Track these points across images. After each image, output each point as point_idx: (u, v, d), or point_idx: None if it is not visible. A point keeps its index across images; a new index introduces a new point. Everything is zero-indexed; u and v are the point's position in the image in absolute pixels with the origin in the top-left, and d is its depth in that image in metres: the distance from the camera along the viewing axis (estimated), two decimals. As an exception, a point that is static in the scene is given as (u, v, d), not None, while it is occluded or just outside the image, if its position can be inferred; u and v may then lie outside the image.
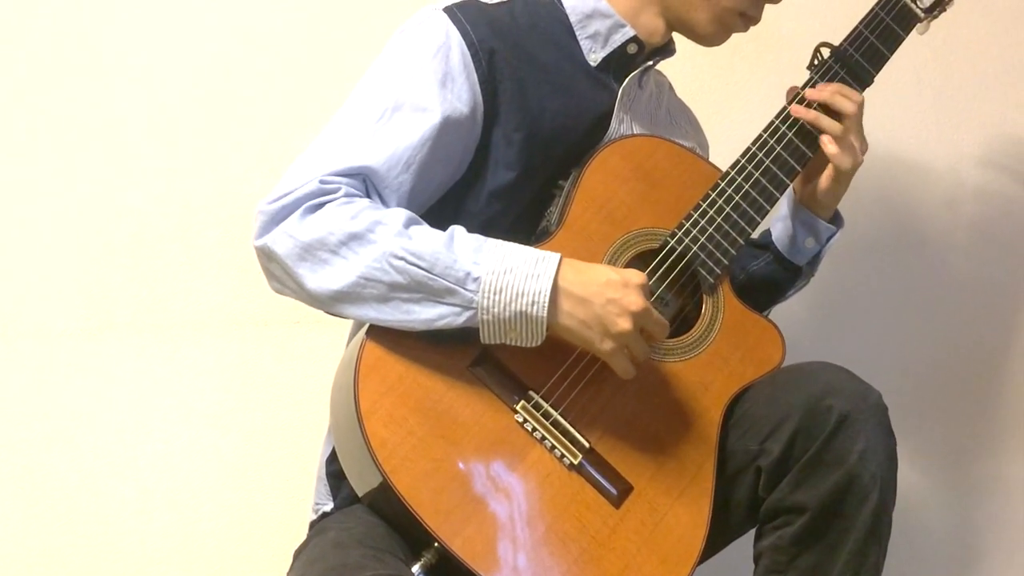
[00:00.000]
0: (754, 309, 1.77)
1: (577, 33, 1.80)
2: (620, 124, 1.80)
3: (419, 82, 1.68)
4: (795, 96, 1.79)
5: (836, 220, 1.88)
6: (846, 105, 1.76)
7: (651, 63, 1.84)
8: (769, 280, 1.90)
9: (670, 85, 2.01)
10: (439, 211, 1.71)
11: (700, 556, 1.64)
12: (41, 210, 2.28)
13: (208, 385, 2.30)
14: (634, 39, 1.80)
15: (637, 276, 1.61)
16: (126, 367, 2.29)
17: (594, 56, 1.80)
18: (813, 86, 1.80)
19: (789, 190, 1.84)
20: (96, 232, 2.29)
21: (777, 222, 1.90)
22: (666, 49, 1.87)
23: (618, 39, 1.80)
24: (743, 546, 1.75)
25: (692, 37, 1.84)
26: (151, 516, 2.27)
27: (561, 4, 1.81)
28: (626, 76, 1.81)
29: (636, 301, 1.58)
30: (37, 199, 2.29)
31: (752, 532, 1.72)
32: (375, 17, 2.32)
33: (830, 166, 1.79)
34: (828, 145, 1.76)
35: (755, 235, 1.82)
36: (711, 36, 1.82)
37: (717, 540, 1.70)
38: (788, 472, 1.63)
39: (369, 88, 1.71)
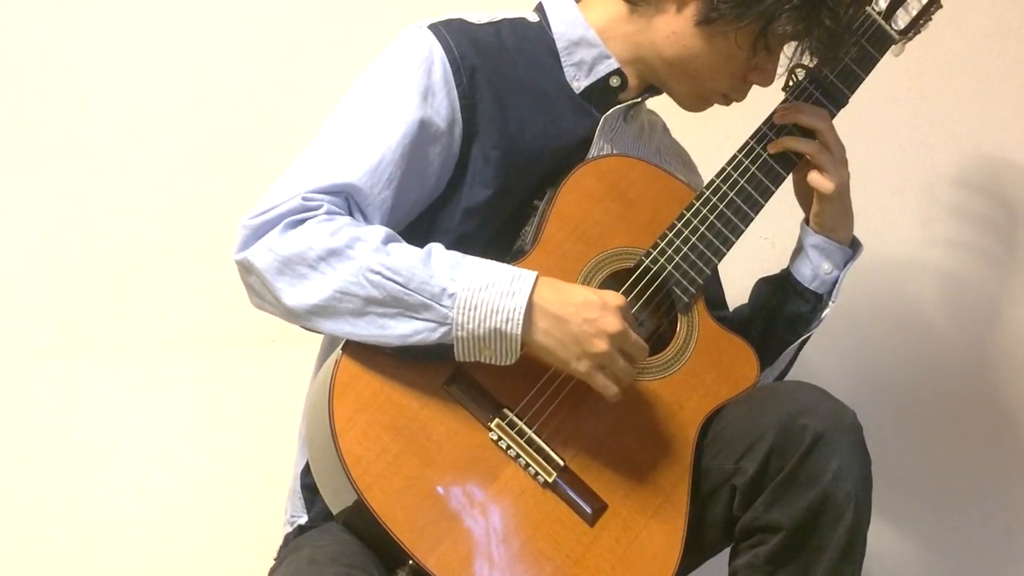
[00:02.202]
0: (729, 328, 1.78)
1: (563, 59, 1.80)
2: (600, 152, 1.80)
3: (400, 95, 1.69)
4: (768, 120, 1.81)
5: (854, 243, 1.87)
6: (799, 142, 1.78)
7: (639, 99, 1.84)
8: (792, 314, 1.87)
9: (664, 125, 2.00)
10: (414, 228, 1.71)
11: (675, 575, 1.63)
12: (16, 228, 2.28)
13: (183, 404, 2.30)
14: (617, 72, 1.80)
15: (616, 298, 1.61)
16: (102, 386, 2.28)
17: (577, 84, 1.80)
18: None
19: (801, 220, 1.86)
20: (72, 251, 2.28)
21: (793, 253, 1.89)
22: (654, 87, 1.86)
23: (602, 70, 1.80)
24: (718, 565, 1.75)
25: (672, 99, 1.85)
26: (126, 534, 2.27)
27: (549, 29, 1.81)
28: (608, 107, 1.80)
29: (613, 323, 1.58)
30: (12, 218, 2.28)
31: (727, 551, 1.72)
32: (356, 37, 2.32)
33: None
34: (813, 175, 1.78)
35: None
36: (690, 107, 1.84)
37: (692, 559, 1.70)
38: (763, 491, 1.63)
39: (353, 103, 1.71)
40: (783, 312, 1.87)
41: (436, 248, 1.60)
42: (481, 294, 1.56)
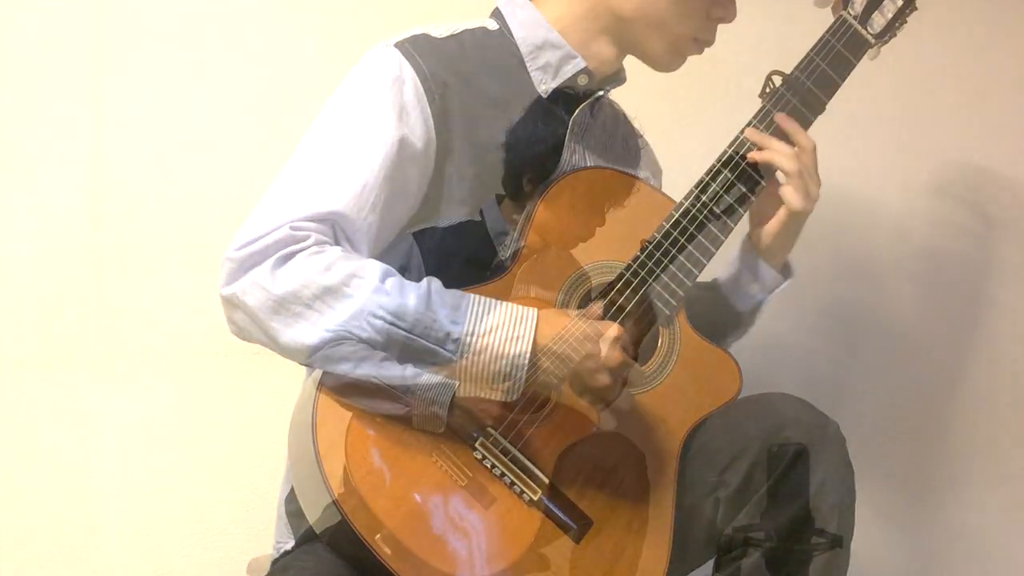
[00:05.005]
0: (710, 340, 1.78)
1: (528, 64, 1.79)
2: (572, 155, 1.80)
3: (377, 116, 1.67)
4: (749, 127, 1.81)
5: (786, 271, 1.87)
6: (787, 154, 1.77)
7: (601, 92, 1.84)
8: (713, 322, 1.86)
9: (625, 115, 2.00)
10: (396, 249, 1.70)
11: (661, 588, 1.64)
12: (-2, 240, 2.28)
13: (167, 414, 2.29)
14: (585, 70, 1.80)
15: (613, 329, 1.61)
16: (85, 397, 2.28)
17: (544, 87, 1.79)
18: (765, 114, 1.81)
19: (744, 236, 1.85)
20: (54, 263, 2.27)
21: (727, 265, 1.89)
22: (616, 77, 1.87)
23: (569, 70, 1.80)
24: (703, 576, 1.76)
25: (648, 63, 1.84)
26: (108, 550, 2.26)
27: (511, 35, 1.80)
28: (577, 107, 1.80)
29: (613, 356, 1.59)
30: (-7, 232, 2.28)
31: (711, 562, 1.72)
32: (333, 56, 2.31)
33: (782, 208, 1.78)
34: (786, 190, 1.77)
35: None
36: (667, 64, 1.83)
37: (676, 571, 1.70)
38: (746, 503, 1.64)
39: (328, 126, 1.69)
40: (704, 318, 1.88)
41: (435, 285, 1.59)
42: (485, 339, 1.56)
